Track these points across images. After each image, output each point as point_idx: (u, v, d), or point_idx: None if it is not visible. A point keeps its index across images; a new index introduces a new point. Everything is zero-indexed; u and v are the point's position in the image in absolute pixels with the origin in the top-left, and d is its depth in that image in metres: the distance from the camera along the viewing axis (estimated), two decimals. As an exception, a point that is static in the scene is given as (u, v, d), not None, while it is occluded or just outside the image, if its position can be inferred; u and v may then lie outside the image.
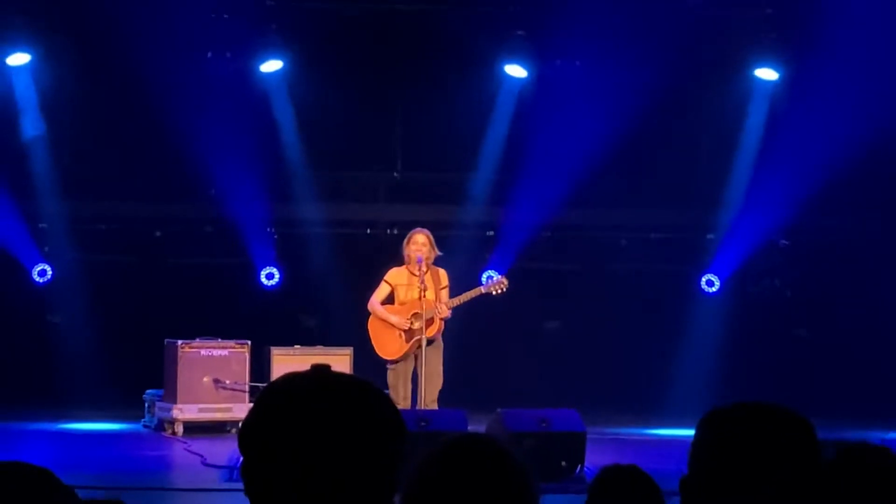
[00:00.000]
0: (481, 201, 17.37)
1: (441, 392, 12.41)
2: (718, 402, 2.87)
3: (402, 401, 12.14)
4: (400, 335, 12.46)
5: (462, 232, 17.10)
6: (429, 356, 12.22)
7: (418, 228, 12.66)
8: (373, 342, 12.59)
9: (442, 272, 12.61)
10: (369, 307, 12.66)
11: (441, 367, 12.43)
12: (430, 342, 12.30)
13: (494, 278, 12.99)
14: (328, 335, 15.22)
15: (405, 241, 12.60)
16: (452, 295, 12.54)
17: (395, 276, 12.65)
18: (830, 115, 15.62)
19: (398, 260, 12.73)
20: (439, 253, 12.58)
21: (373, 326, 12.64)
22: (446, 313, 12.39)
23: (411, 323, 12.36)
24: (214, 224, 17.17)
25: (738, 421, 2.78)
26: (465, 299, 12.54)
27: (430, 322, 12.31)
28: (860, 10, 15.23)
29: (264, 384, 13.57)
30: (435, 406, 12.18)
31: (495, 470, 2.54)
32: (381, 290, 12.66)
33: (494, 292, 12.74)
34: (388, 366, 12.51)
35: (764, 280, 18.00)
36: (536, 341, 17.21)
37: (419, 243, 12.42)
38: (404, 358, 12.43)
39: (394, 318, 12.46)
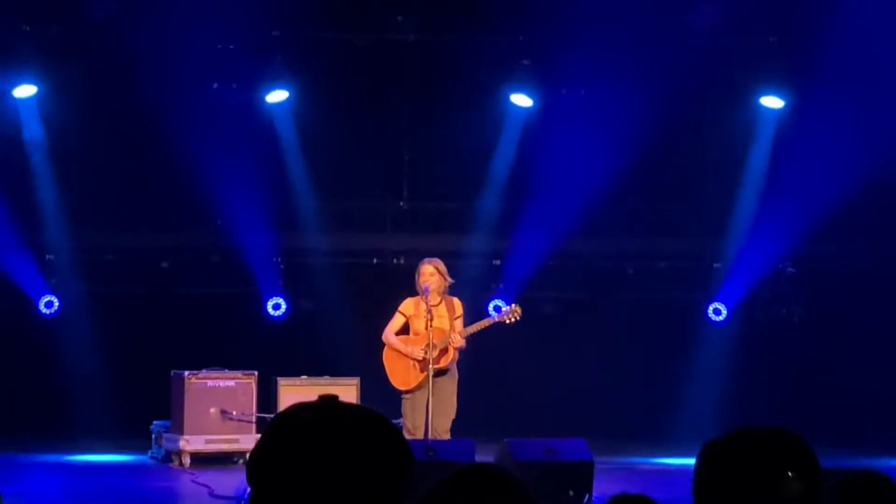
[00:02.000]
0: (487, 230, 17.36)
1: (452, 422, 12.32)
2: (726, 430, 2.87)
3: (415, 430, 12.06)
4: (414, 365, 12.32)
5: (468, 261, 17.07)
6: (442, 386, 12.12)
7: (427, 259, 12.54)
8: (388, 373, 12.48)
9: (456, 301, 12.47)
10: (383, 338, 12.49)
11: (454, 398, 12.29)
12: (443, 372, 12.18)
13: (505, 308, 12.84)
14: (335, 365, 15.19)
15: (417, 271, 12.55)
16: (466, 324, 12.48)
17: (408, 306, 12.52)
18: (836, 143, 15.64)
19: (413, 291, 12.63)
20: (451, 281, 12.45)
21: (387, 357, 12.50)
22: (460, 342, 12.27)
23: (425, 353, 12.22)
24: (221, 254, 17.16)
25: (734, 449, 2.78)
26: (478, 328, 12.48)
27: (444, 352, 12.23)
28: (865, 38, 15.27)
29: (271, 415, 13.56)
30: (447, 436, 12.08)
31: (503, 500, 2.54)
32: (396, 321, 12.51)
33: (508, 321, 12.64)
34: (404, 395, 12.42)
35: (771, 308, 17.96)
36: (543, 370, 17.17)
37: (426, 273, 12.32)
38: (419, 388, 12.32)
39: (407, 349, 12.38)
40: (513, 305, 12.72)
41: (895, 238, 17.06)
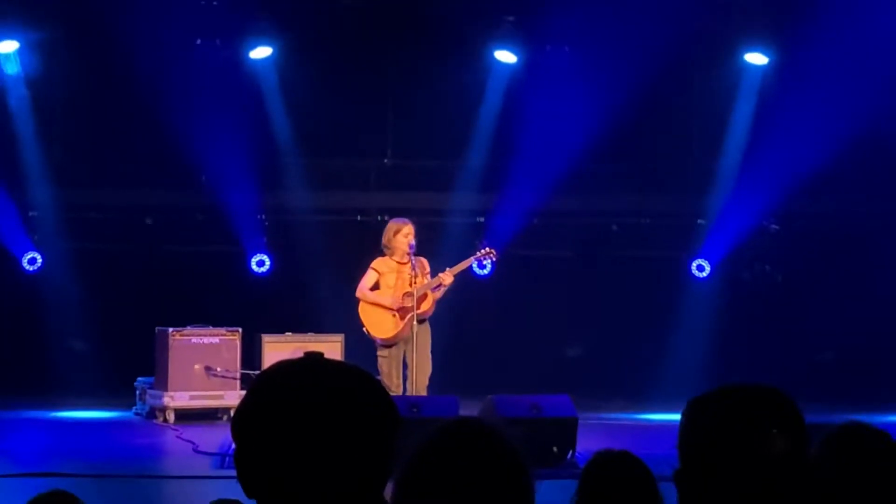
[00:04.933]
0: (471, 188, 17.35)
1: (432, 378, 12.49)
2: (709, 386, 2.87)
3: (394, 388, 12.25)
4: (393, 315, 12.61)
5: (452, 219, 17.10)
6: (420, 340, 12.32)
7: (405, 220, 12.82)
8: (366, 325, 12.72)
9: (424, 260, 12.80)
10: (358, 294, 12.80)
11: (429, 353, 12.56)
12: (422, 320, 12.41)
13: (480, 251, 13.12)
14: (319, 322, 15.21)
15: (391, 232, 12.72)
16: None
17: (381, 264, 12.85)
18: (820, 100, 15.62)
19: (380, 250, 12.85)
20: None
21: (364, 311, 12.78)
22: (450, 279, 12.50)
23: (403, 301, 12.52)
24: (205, 212, 17.14)
25: (719, 405, 2.78)
26: (463, 268, 12.76)
27: (422, 299, 12.45)
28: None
29: (256, 371, 13.61)
30: (425, 392, 12.24)
31: (488, 454, 2.54)
32: (369, 278, 12.82)
33: (483, 262, 13.02)
34: (380, 353, 12.61)
35: (754, 265, 18.00)
36: (527, 327, 17.20)
37: (411, 234, 12.64)
38: (398, 338, 12.53)
39: (387, 300, 12.61)
40: (487, 248, 13.00)
41: (879, 195, 17.08)
